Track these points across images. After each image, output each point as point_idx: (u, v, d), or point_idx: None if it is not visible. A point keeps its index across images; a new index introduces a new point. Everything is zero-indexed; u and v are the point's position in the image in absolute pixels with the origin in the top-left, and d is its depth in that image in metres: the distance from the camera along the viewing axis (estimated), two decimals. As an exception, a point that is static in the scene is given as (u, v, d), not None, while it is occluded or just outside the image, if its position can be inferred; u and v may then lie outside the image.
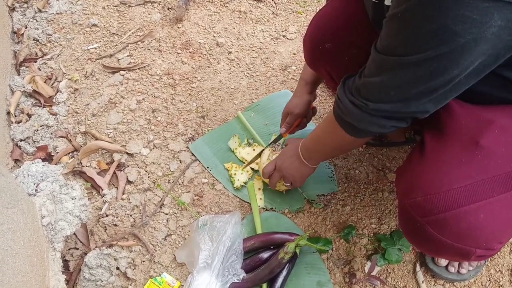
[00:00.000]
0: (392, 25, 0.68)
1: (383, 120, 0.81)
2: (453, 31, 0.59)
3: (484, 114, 0.81)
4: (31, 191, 1.09)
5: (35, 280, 0.94)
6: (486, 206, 0.75)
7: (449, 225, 0.76)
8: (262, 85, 1.61)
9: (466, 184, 0.75)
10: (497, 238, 0.78)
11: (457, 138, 0.81)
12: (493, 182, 0.75)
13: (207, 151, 1.41)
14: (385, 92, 0.76)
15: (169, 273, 1.18)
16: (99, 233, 1.24)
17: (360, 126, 0.85)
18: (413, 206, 0.80)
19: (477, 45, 0.61)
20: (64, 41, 1.71)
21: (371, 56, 0.76)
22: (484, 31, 0.59)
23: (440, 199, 0.76)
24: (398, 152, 1.43)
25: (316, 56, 1.12)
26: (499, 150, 0.77)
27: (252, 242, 1.18)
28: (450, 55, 0.63)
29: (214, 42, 1.73)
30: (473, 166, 0.77)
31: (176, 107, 1.53)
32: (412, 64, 0.67)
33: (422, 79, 0.69)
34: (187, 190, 1.34)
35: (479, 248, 0.78)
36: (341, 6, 1.06)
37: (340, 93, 0.87)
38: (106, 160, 1.39)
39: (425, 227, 0.79)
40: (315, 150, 1.10)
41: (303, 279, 1.17)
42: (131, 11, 1.82)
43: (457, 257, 0.83)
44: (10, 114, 1.45)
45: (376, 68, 0.76)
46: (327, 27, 1.06)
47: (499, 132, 0.78)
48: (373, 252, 1.23)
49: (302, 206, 1.31)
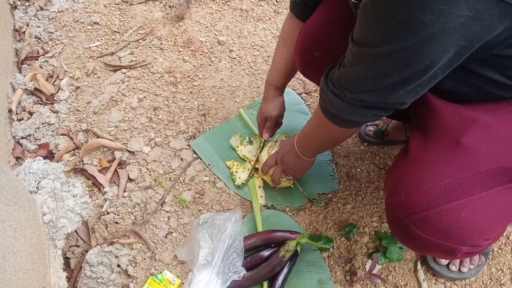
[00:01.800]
0: (363, 15, 0.69)
1: (364, 109, 0.81)
2: (421, 22, 0.60)
3: (467, 113, 0.82)
4: (33, 189, 1.09)
5: (36, 277, 0.94)
6: (467, 204, 0.76)
7: (431, 224, 0.77)
8: (263, 84, 1.60)
9: (447, 183, 0.76)
10: (482, 235, 0.79)
11: (440, 137, 0.82)
12: (474, 180, 0.76)
13: (208, 148, 1.41)
14: (361, 82, 0.77)
15: (170, 270, 1.18)
16: (100, 231, 1.25)
17: (343, 116, 0.86)
18: (397, 205, 0.82)
19: (446, 35, 0.61)
20: (65, 39, 1.71)
21: (349, 46, 0.77)
22: (452, 21, 0.59)
23: (421, 198, 0.77)
24: (399, 150, 1.43)
25: (306, 65, 1.14)
26: (480, 149, 0.78)
27: (253, 240, 1.19)
28: (420, 45, 0.63)
29: (215, 40, 1.73)
30: (454, 165, 0.78)
31: (177, 105, 1.53)
32: (383, 55, 0.68)
33: (395, 70, 0.70)
34: (188, 188, 1.34)
35: (464, 245, 0.79)
36: (328, 14, 1.06)
37: (323, 84, 0.88)
38: (107, 158, 1.39)
39: (409, 226, 0.80)
40: (308, 143, 1.11)
41: (304, 277, 1.17)
42: (133, 9, 1.82)
43: (443, 255, 0.84)
44: (12, 112, 1.46)
45: (352, 59, 0.77)
46: (315, 36, 1.07)
47: (481, 130, 0.79)
48: (374, 251, 1.23)
49: (303, 204, 1.31)
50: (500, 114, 0.81)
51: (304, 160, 1.15)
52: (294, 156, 1.15)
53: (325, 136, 1.03)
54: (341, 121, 0.88)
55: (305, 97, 1.57)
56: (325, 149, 1.32)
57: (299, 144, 1.13)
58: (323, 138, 1.05)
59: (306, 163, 1.17)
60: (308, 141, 1.11)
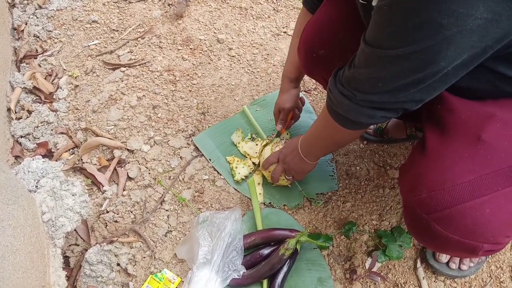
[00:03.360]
0: (378, 17, 0.68)
1: (372, 111, 0.80)
2: (439, 24, 0.59)
3: (484, 109, 0.80)
4: (32, 188, 1.09)
5: (35, 276, 0.94)
6: (491, 201, 0.74)
7: (454, 221, 0.76)
8: (263, 82, 1.61)
9: (470, 179, 0.75)
10: (504, 232, 0.78)
11: (459, 133, 0.80)
12: (497, 176, 0.75)
13: (210, 143, 1.42)
14: (372, 83, 0.76)
15: (169, 269, 1.18)
16: (100, 230, 1.24)
17: (350, 117, 0.85)
18: (418, 203, 0.80)
19: (463, 37, 0.60)
20: (64, 37, 1.70)
21: (360, 47, 0.76)
22: (470, 23, 0.58)
23: (444, 195, 0.76)
24: (399, 148, 1.43)
25: (311, 63, 1.13)
26: (501, 144, 0.77)
27: (252, 238, 1.18)
28: (436, 47, 0.63)
29: (214, 39, 1.72)
30: (476, 161, 0.76)
31: (176, 103, 1.53)
32: (398, 56, 0.67)
33: (409, 72, 0.69)
34: (187, 187, 1.34)
35: (486, 243, 0.77)
36: (333, 11, 1.05)
37: (331, 84, 0.87)
38: (106, 157, 1.39)
39: (431, 224, 0.78)
40: (312, 145, 1.11)
41: (303, 275, 1.17)
42: (132, 8, 1.81)
43: (464, 253, 0.82)
44: (11, 111, 1.45)
45: (365, 60, 0.76)
46: (320, 33, 1.06)
47: (500, 126, 0.78)
48: (374, 249, 1.23)
49: (300, 203, 1.31)
50: None
51: (306, 163, 1.15)
52: (297, 158, 1.15)
53: (330, 138, 1.02)
54: (348, 122, 0.88)
55: (304, 95, 1.57)
56: (329, 152, 1.32)
57: (303, 146, 1.12)
58: (328, 141, 1.04)
59: (308, 166, 1.17)
60: (312, 144, 1.10)
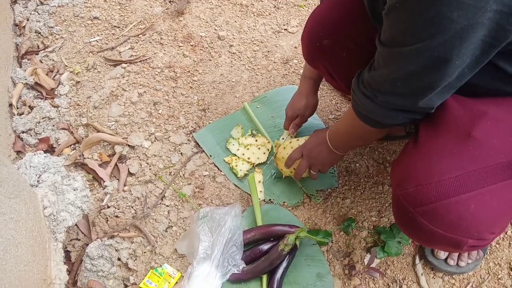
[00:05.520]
0: (391, 16, 0.69)
1: (394, 112, 0.82)
2: (450, 18, 0.60)
3: (478, 106, 0.81)
4: (33, 182, 1.10)
5: (37, 269, 0.95)
6: (477, 197, 0.75)
7: (439, 215, 0.77)
8: (263, 79, 1.61)
9: (457, 175, 0.76)
10: (488, 228, 0.79)
11: (450, 130, 0.81)
12: (484, 172, 0.76)
13: (211, 140, 1.42)
14: (392, 83, 0.77)
15: (170, 264, 1.19)
16: (101, 224, 1.25)
17: (374, 117, 0.87)
18: (405, 196, 0.81)
19: (474, 31, 0.61)
20: (65, 33, 1.71)
21: (377, 50, 0.77)
22: (480, 16, 0.59)
23: (431, 189, 0.77)
24: (398, 145, 1.44)
25: (314, 52, 1.13)
26: (491, 142, 0.78)
27: (252, 234, 1.19)
28: (449, 43, 0.63)
29: (215, 35, 1.73)
30: (464, 157, 0.77)
31: (177, 100, 1.53)
32: (414, 53, 0.68)
33: (425, 69, 0.70)
34: (188, 183, 1.35)
35: (470, 238, 0.78)
36: (338, 2, 1.06)
37: (355, 85, 0.89)
38: (107, 152, 1.40)
39: (417, 217, 0.80)
40: (342, 140, 1.11)
41: (302, 270, 1.18)
42: (133, 4, 1.82)
43: (449, 247, 0.83)
44: (12, 106, 1.46)
45: (383, 60, 0.77)
46: (325, 23, 1.07)
47: (492, 123, 0.79)
48: (373, 245, 1.23)
49: (300, 201, 1.31)
50: (510, 108, 0.81)
51: (336, 154, 1.15)
52: (326, 151, 1.15)
53: (357, 134, 1.03)
54: (373, 122, 0.89)
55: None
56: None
57: (333, 139, 1.12)
58: (355, 136, 1.05)
59: (337, 157, 1.17)
60: (342, 138, 1.11)
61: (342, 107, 1.55)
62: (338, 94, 1.58)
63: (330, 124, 1.49)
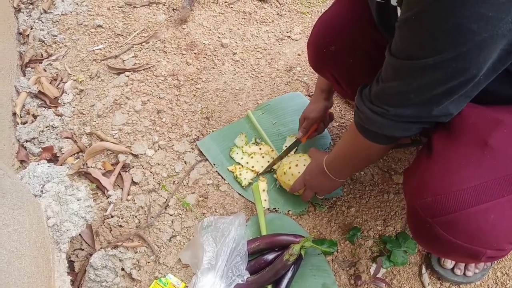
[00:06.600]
0: (406, 28, 0.67)
1: (407, 125, 0.80)
2: (469, 30, 0.58)
3: (492, 114, 0.80)
4: (37, 192, 1.09)
5: (40, 281, 0.94)
6: (496, 207, 0.74)
7: (458, 226, 0.75)
8: (266, 86, 1.61)
9: (476, 184, 0.74)
10: (507, 238, 0.77)
11: (466, 138, 0.80)
12: (503, 182, 0.74)
13: (214, 148, 1.42)
14: (404, 96, 0.75)
15: (174, 274, 1.18)
16: (104, 234, 1.25)
17: (384, 133, 0.84)
18: (422, 207, 0.79)
19: (494, 42, 0.60)
20: (69, 42, 1.71)
21: (386, 60, 0.75)
22: (501, 27, 0.58)
23: (449, 199, 0.75)
24: (403, 153, 1.43)
25: (320, 59, 1.13)
26: (508, 150, 0.76)
27: (257, 244, 1.18)
28: (468, 54, 0.62)
29: (218, 43, 1.73)
30: (483, 166, 0.76)
31: (181, 108, 1.53)
32: (430, 66, 0.66)
33: (441, 81, 0.68)
34: (191, 191, 1.34)
35: (489, 249, 0.77)
36: (345, 9, 1.05)
37: (358, 102, 0.86)
38: (111, 161, 1.39)
39: (435, 227, 0.78)
40: (342, 164, 1.10)
41: (308, 281, 1.17)
42: (136, 12, 1.82)
43: (467, 258, 0.82)
44: (16, 115, 1.46)
45: (394, 73, 0.74)
46: (331, 29, 1.06)
47: (508, 132, 0.77)
48: (379, 254, 1.22)
49: (305, 210, 1.30)
50: None
51: (336, 181, 1.15)
52: (326, 180, 1.14)
53: (360, 155, 1.01)
54: (381, 137, 0.87)
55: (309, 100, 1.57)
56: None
57: (331, 168, 1.11)
58: (358, 157, 1.03)
59: (338, 184, 1.17)
60: (341, 162, 1.09)
61: (346, 114, 1.54)
62: (342, 101, 1.57)
63: (334, 131, 1.48)
